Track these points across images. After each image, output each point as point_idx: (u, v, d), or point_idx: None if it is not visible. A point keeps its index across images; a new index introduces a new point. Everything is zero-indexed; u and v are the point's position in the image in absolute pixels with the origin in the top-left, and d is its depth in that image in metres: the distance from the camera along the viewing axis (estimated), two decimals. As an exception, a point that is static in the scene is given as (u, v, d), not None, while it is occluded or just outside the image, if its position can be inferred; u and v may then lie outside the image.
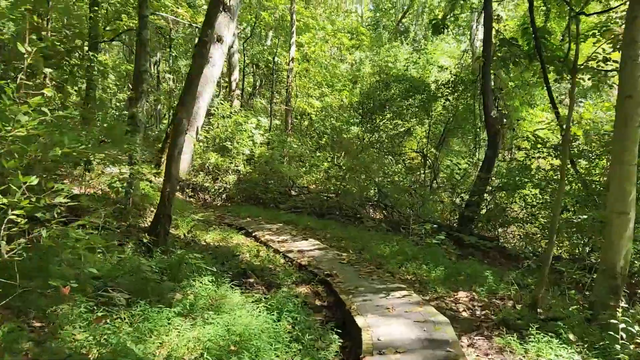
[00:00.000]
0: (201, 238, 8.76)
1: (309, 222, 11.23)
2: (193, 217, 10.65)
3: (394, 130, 13.90)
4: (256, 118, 15.26)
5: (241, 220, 11.06)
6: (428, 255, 8.45)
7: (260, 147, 15.38)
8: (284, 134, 17.87)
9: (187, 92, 7.14)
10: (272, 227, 10.21)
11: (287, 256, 7.72)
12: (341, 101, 18.91)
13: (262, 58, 20.65)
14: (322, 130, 19.61)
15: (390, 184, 12.11)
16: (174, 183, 7.18)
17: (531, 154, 10.09)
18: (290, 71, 19.49)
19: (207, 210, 12.50)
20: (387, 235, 10.36)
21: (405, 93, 12.59)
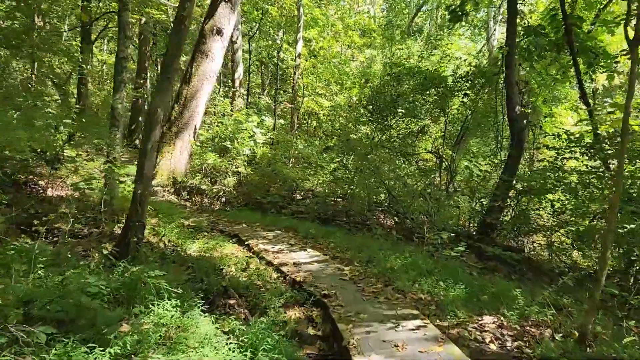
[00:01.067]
0: (185, 247, 7.69)
1: (311, 229, 10.11)
2: (182, 222, 9.61)
3: (407, 128, 12.75)
4: (258, 116, 14.20)
5: (236, 227, 9.98)
6: (445, 269, 7.30)
7: (263, 148, 14.32)
8: (289, 134, 16.79)
9: (163, 76, 6.09)
10: (269, 234, 9.12)
11: (280, 270, 6.61)
12: (350, 99, 17.81)
13: (268, 54, 19.62)
14: (330, 130, 18.52)
15: (402, 187, 10.95)
16: (147, 184, 6.12)
17: (562, 153, 8.88)
18: (297, 68, 18.44)
19: (201, 214, 11.45)
20: (398, 244, 9.21)
21: (419, 87, 11.45)
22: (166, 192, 13.05)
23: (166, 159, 13.77)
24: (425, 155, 14.48)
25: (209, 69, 14.15)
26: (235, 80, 18.37)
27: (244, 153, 13.78)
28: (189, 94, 14.02)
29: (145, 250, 6.40)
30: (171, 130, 13.97)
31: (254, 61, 21.99)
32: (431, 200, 10.15)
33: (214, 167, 13.47)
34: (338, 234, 9.89)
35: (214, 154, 13.68)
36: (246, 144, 13.74)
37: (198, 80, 14.07)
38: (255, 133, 13.85)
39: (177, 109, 14.07)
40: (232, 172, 13.68)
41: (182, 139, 13.88)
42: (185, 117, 13.98)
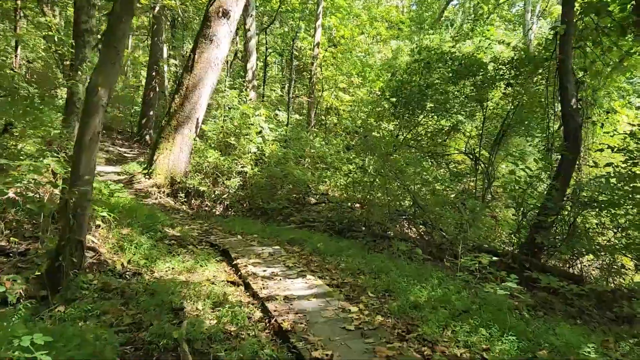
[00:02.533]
0: (154, 269, 6.12)
1: (320, 243, 8.43)
2: (167, 231, 8.07)
3: (436, 125, 10.94)
4: (267, 110, 12.58)
5: (230, 239, 8.38)
6: (486, 306, 5.55)
7: (272, 145, 12.70)
8: (304, 130, 15.14)
9: (107, 44, 4.51)
10: (266, 251, 7.47)
11: (266, 307, 4.95)
12: (374, 93, 16.06)
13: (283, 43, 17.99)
14: (351, 128, 16.80)
15: (430, 193, 9.18)
16: (85, 188, 4.55)
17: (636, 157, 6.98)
18: (315, 58, 16.76)
19: (195, 221, 9.90)
20: (424, 266, 7.45)
21: (453, 76, 9.63)
22: (162, 194, 11.56)
23: (164, 156, 12.30)
24: (457, 156, 12.64)
25: (214, 56, 12.60)
26: (248, 71, 16.81)
27: (250, 151, 12.20)
28: (191, 84, 12.50)
29: (87, 278, 4.84)
30: (170, 124, 12.49)
31: (270, 53, 20.42)
32: (465, 210, 8.35)
33: (216, 166, 11.92)
34: (352, 251, 8.17)
35: (216, 151, 12.13)
36: (253, 141, 12.14)
37: (201, 69, 12.54)
38: (263, 128, 12.24)
39: (178, 100, 12.57)
40: (237, 173, 12.11)
41: (183, 134, 12.39)
42: (186, 109, 12.47)
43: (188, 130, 12.48)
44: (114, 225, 7.02)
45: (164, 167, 12.25)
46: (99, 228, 6.71)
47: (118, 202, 8.30)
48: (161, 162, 12.29)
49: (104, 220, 6.82)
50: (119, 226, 7.21)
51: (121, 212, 7.84)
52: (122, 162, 16.35)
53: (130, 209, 8.24)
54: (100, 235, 6.62)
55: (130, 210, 8.17)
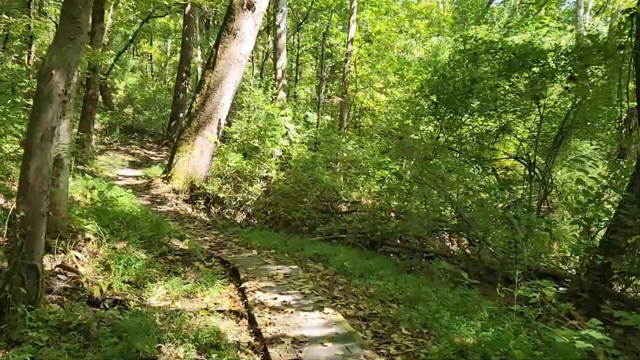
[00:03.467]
0: (143, 294, 5.14)
1: (346, 260, 7.29)
2: (172, 243, 7.12)
3: (483, 125, 9.62)
4: (293, 109, 11.56)
5: (244, 254, 7.34)
6: (554, 353, 4.29)
7: (299, 148, 11.65)
8: (335, 132, 14.04)
9: (66, 12, 3.53)
10: (282, 271, 6.38)
11: (267, 353, 3.86)
12: (412, 92, 14.78)
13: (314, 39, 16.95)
14: (388, 130, 15.58)
15: (476, 204, 7.89)
16: (36, 201, 3.58)
17: None
18: (349, 55, 15.64)
19: (209, 232, 8.94)
20: (471, 294, 6.19)
21: (504, 69, 8.31)
22: (179, 200, 10.69)
23: (184, 160, 11.45)
24: (507, 161, 11.25)
25: (237, 52, 11.69)
26: (278, 70, 15.85)
27: (275, 154, 11.19)
28: (213, 82, 11.62)
29: (45, 311, 3.87)
30: (191, 125, 11.64)
31: (303, 52, 19.44)
32: (520, 225, 7.03)
33: (238, 170, 10.97)
34: (384, 271, 6.99)
35: (238, 154, 11.19)
36: (278, 143, 11.13)
37: (224, 65, 11.64)
38: (289, 130, 11.21)
39: (199, 99, 11.71)
40: (260, 178, 11.12)
41: (204, 135, 11.52)
42: (207, 109, 11.60)
43: (209, 132, 11.60)
44: (107, 238, 6.11)
45: (183, 171, 11.40)
46: (88, 242, 5.80)
47: (120, 210, 7.41)
48: (180, 165, 11.46)
49: (95, 233, 5.91)
50: (115, 239, 6.29)
51: (121, 222, 6.95)
52: (147, 165, 15.68)
53: (134, 218, 7.34)
54: (87, 251, 5.70)
55: (134, 220, 7.27)
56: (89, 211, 6.54)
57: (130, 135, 22.92)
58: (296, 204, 10.27)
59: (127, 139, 21.47)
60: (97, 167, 12.63)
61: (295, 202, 10.32)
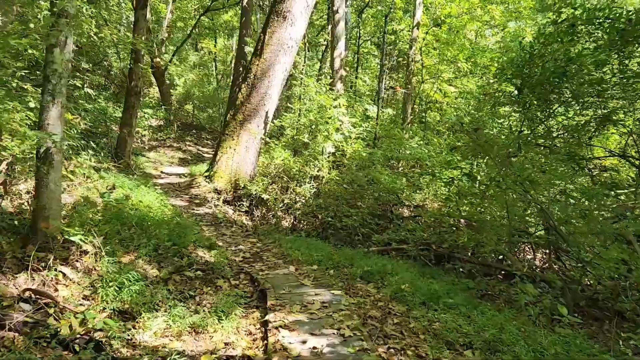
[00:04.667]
0: (135, 327, 3.99)
1: (406, 281, 5.85)
2: (197, 254, 6.01)
3: (581, 115, 7.80)
4: (347, 100, 10.20)
5: (279, 270, 6.07)
6: None
7: (355, 144, 10.27)
8: (397, 127, 12.53)
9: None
10: (321, 296, 5.05)
11: None
12: (486, 82, 12.97)
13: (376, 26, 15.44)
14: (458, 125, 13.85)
15: (576, 215, 6.17)
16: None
17: None
18: (414, 41, 14.04)
19: (247, 239, 7.77)
20: (573, 337, 4.55)
21: (613, 44, 6.50)
22: (219, 201, 9.65)
23: (227, 157, 10.41)
24: (605, 160, 9.29)
25: (287, 36, 10.48)
26: (335, 59, 14.53)
27: (326, 151, 9.89)
28: (260, 71, 10.49)
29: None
30: (235, 119, 10.58)
31: (366, 40, 17.99)
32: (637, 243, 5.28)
33: (285, 169, 9.77)
34: (453, 299, 5.49)
35: (286, 150, 10.00)
36: (331, 139, 9.82)
37: (272, 52, 10.48)
38: (342, 123, 9.86)
39: (244, 90, 10.63)
40: (311, 177, 9.85)
41: (249, 129, 10.42)
42: (254, 100, 10.48)
43: (255, 126, 10.49)
44: (113, 249, 5.06)
45: (227, 169, 10.37)
46: (85, 255, 4.76)
47: (141, 214, 6.39)
48: (224, 163, 10.43)
49: (95, 244, 4.87)
50: (122, 250, 5.24)
51: (139, 229, 5.90)
52: (197, 162, 14.90)
53: (156, 223, 6.30)
54: (82, 266, 4.66)
55: (156, 225, 6.22)
56: (96, 216, 5.53)
57: (189, 132, 22.51)
58: (349, 208, 8.90)
59: (184, 136, 21.02)
60: (140, 163, 11.91)
61: (349, 206, 8.96)
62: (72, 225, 4.83)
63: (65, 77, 4.58)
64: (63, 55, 4.53)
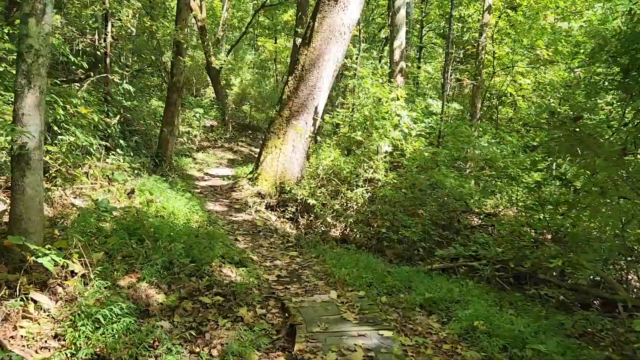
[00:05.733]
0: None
1: (479, 315, 4.52)
2: (222, 272, 5.02)
3: None
4: (407, 92, 8.91)
5: (317, 297, 4.90)
6: None
7: (415, 142, 8.93)
8: (465, 124, 11.05)
9: None
10: (366, 339, 3.85)
11: None
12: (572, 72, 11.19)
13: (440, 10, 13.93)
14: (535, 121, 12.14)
15: None
16: None
17: None
18: (485, 27, 12.45)
19: (287, 252, 6.68)
20: None
21: None
22: (262, 207, 8.66)
23: (272, 157, 9.42)
24: None
25: (339, 22, 9.34)
26: (395, 50, 13.22)
27: (382, 150, 8.63)
28: (308, 61, 9.42)
29: None
30: (282, 115, 9.57)
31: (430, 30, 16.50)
32: None
33: (335, 170, 8.61)
34: (542, 343, 4.10)
35: (335, 149, 8.85)
36: (387, 136, 8.55)
37: (322, 40, 9.38)
38: (401, 118, 8.55)
39: (292, 82, 9.59)
40: (364, 180, 8.63)
41: (297, 127, 9.37)
42: (301, 94, 9.43)
43: (303, 122, 9.42)
44: (113, 268, 4.12)
45: (271, 171, 9.37)
46: (72, 278, 3.84)
47: (160, 222, 5.45)
48: (268, 164, 9.44)
49: (88, 263, 3.94)
50: (124, 269, 4.29)
51: (152, 241, 4.96)
52: (247, 163, 14.08)
53: (177, 234, 5.34)
54: (66, 293, 3.73)
55: (177, 235, 5.27)
56: (106, 224, 4.63)
57: (244, 132, 21.93)
58: (409, 217, 7.59)
59: (239, 136, 20.42)
60: (184, 165, 11.18)
61: (408, 214, 7.65)
62: (60, 239, 3.93)
63: (44, 56, 3.67)
64: (41, 27, 3.62)
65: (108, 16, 9.32)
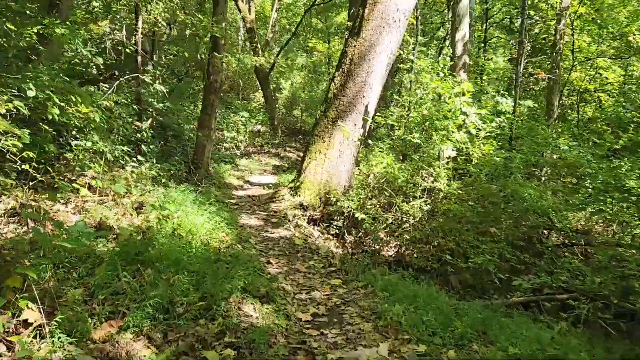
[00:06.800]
0: None
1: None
2: (235, 316, 3.92)
3: None
4: (472, 85, 7.57)
5: (360, 351, 3.70)
6: None
7: (484, 146, 7.51)
8: (541, 123, 9.49)
9: None
10: None
11: None
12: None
13: None
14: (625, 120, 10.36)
15: None
16: None
17: None
18: (564, 11, 10.81)
19: (328, 279, 5.51)
20: None
21: None
22: (304, 221, 7.55)
23: (316, 164, 8.31)
24: None
25: (392, 7, 8.13)
26: (457, 43, 11.81)
27: (445, 155, 7.31)
28: (357, 53, 8.26)
29: None
30: (327, 116, 8.45)
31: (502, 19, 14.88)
32: None
33: (388, 179, 7.36)
34: None
35: (389, 155, 7.61)
36: (451, 138, 7.21)
37: (373, 29, 8.19)
38: (467, 116, 7.18)
39: (338, 78, 8.45)
40: (423, 191, 7.33)
41: (344, 129, 8.21)
42: (349, 92, 8.27)
43: (351, 124, 8.25)
44: (93, 311, 3.12)
45: (315, 179, 8.25)
46: (28, 326, 2.85)
47: (165, 245, 4.44)
48: (312, 171, 8.33)
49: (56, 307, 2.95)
50: (105, 312, 3.27)
51: (156, 271, 3.95)
52: (292, 170, 13.07)
53: (192, 258, 4.32)
54: (10, 354, 2.74)
55: (191, 260, 4.25)
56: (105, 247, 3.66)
57: (294, 137, 21.05)
58: (479, 236, 6.23)
59: (289, 142, 19.54)
60: (222, 172, 10.28)
61: (478, 233, 6.28)
62: (14, 275, 2.96)
63: None
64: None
65: (138, 10, 8.56)
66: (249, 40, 19.29)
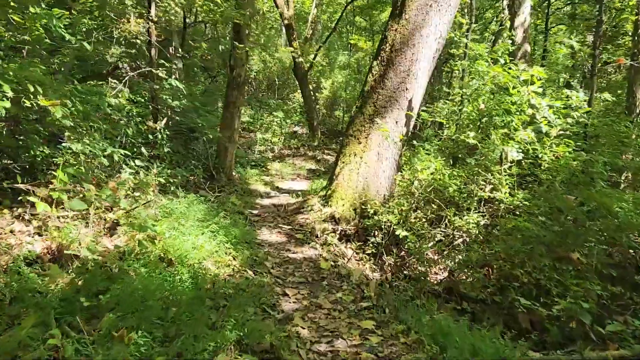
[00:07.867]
0: None
1: None
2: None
3: None
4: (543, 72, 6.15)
5: None
6: None
7: (558, 146, 6.04)
8: (622, 119, 7.89)
9: None
10: None
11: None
12: None
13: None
14: None
15: None
16: None
17: None
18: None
19: (358, 317, 4.27)
20: None
21: None
22: (334, 237, 6.35)
23: (351, 168, 7.10)
24: None
25: (440, -17, 6.80)
26: (516, 29, 10.30)
27: (508, 158, 5.92)
28: (399, 39, 6.98)
29: None
30: (363, 113, 7.22)
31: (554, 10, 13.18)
32: None
33: (435, 187, 6.04)
34: None
35: (437, 158, 6.28)
36: (515, 138, 5.83)
37: (418, 8, 6.91)
38: (538, 109, 5.77)
39: (377, 68, 7.21)
40: (480, 202, 5.99)
41: (383, 128, 6.95)
42: (390, 84, 7.00)
43: (392, 122, 6.98)
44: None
45: (349, 187, 7.03)
46: None
47: (139, 280, 3.36)
48: (345, 177, 7.12)
49: None
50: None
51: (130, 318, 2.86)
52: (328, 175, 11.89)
53: (169, 297, 3.23)
54: None
55: (168, 301, 3.16)
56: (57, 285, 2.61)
57: (334, 139, 19.87)
58: (555, 262, 4.83)
59: (329, 144, 18.37)
60: (248, 177, 9.23)
61: (554, 259, 4.88)
62: None
63: None
64: None
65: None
66: (287, 37, 18.31)
